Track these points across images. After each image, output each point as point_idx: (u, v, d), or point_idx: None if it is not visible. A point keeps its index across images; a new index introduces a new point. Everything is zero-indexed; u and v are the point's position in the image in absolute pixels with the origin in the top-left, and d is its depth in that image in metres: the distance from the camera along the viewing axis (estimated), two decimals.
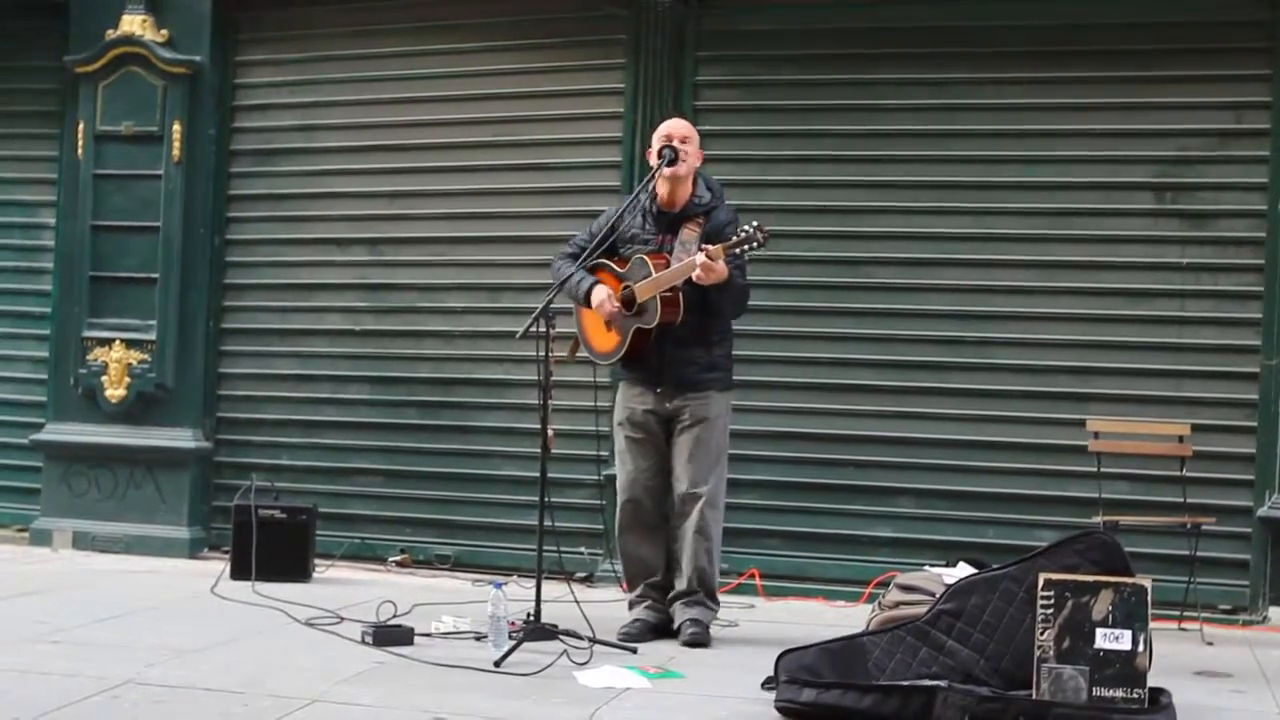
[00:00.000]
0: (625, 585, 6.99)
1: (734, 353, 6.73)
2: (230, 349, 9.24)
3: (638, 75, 8.37)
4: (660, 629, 6.56)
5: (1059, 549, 5.33)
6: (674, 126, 6.67)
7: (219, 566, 8.06)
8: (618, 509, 6.73)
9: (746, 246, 6.20)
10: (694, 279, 6.24)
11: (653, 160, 6.60)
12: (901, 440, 8.03)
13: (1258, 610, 7.48)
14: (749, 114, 8.31)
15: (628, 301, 6.49)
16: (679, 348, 6.51)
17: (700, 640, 6.41)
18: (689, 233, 6.48)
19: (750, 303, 6.70)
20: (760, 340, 8.05)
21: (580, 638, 6.02)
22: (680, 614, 6.56)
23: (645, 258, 6.48)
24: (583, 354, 6.79)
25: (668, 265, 6.39)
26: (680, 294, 6.39)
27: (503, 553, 8.52)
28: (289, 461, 9.00)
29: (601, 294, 6.53)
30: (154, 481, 9.03)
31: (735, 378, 6.75)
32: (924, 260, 8.05)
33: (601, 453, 7.15)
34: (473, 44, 8.82)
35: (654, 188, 6.59)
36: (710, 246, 6.24)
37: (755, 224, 6.22)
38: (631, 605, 6.68)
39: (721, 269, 6.22)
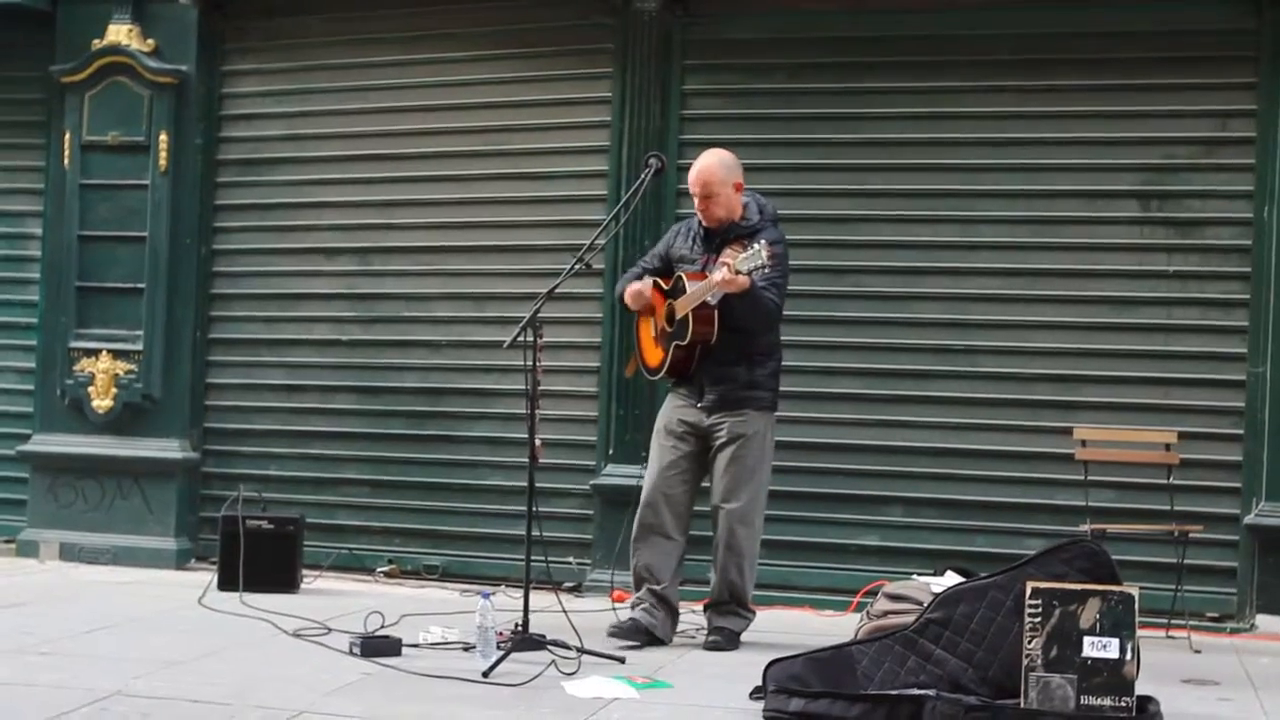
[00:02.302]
0: (616, 594, 6.97)
1: (778, 370, 6.76)
2: (217, 359, 9.23)
3: (625, 84, 8.37)
4: (651, 633, 6.56)
5: (1046, 557, 5.34)
6: (697, 184, 6.65)
7: (206, 577, 8.05)
8: (637, 513, 6.72)
9: (754, 265, 6.21)
10: (716, 287, 6.32)
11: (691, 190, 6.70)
12: (889, 449, 8.03)
13: (1245, 618, 7.49)
14: (736, 123, 8.30)
15: (669, 318, 6.61)
16: (720, 365, 6.58)
17: (718, 646, 6.54)
18: (730, 253, 6.49)
19: None
20: None
21: (568, 648, 6.02)
22: (710, 620, 6.68)
23: (683, 275, 6.59)
24: (640, 369, 6.96)
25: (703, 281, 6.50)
26: (715, 311, 6.46)
27: (491, 563, 8.51)
28: (276, 472, 8.99)
29: (636, 286, 6.73)
30: (141, 492, 9.01)
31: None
32: (910, 269, 8.06)
33: (595, 462, 7.11)
34: (460, 53, 8.82)
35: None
36: (731, 260, 6.30)
37: (762, 243, 6.24)
38: (633, 606, 6.70)
39: (742, 280, 6.28)
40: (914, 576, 6.39)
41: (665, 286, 6.72)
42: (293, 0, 9.11)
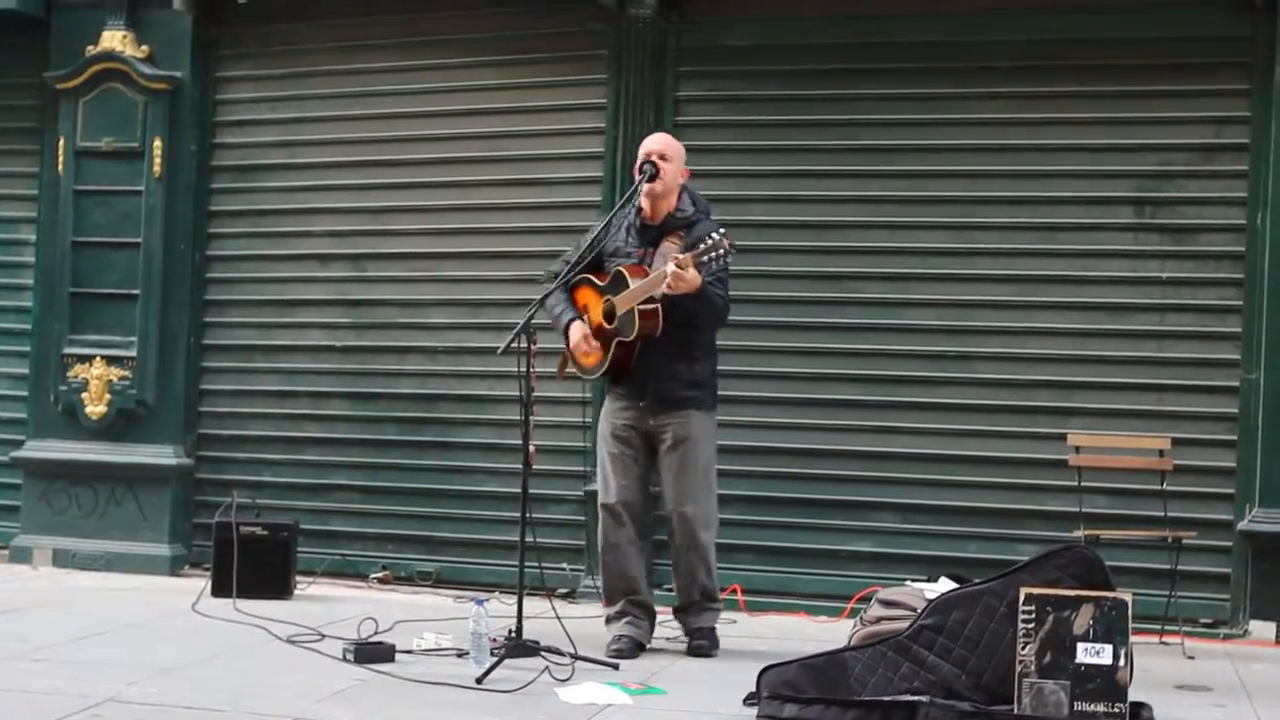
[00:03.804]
0: (604, 600, 6.97)
1: (716, 368, 6.73)
2: (211, 365, 9.22)
3: (619, 90, 8.37)
4: (644, 645, 6.56)
5: (1040, 563, 5.34)
6: (654, 143, 6.66)
7: (200, 584, 8.04)
8: (599, 523, 6.73)
9: (712, 255, 6.19)
10: (665, 289, 6.24)
11: (637, 176, 6.62)
12: (883, 455, 8.03)
13: (1238, 624, 7.50)
14: (731, 129, 8.32)
15: (609, 315, 6.49)
16: (662, 363, 6.50)
17: (703, 651, 6.52)
18: (670, 245, 6.49)
19: (733, 317, 6.71)
20: (742, 355, 8.06)
21: (562, 654, 6.01)
22: (687, 624, 6.66)
23: (624, 270, 6.48)
24: (571, 370, 6.79)
25: (646, 277, 6.40)
26: (660, 306, 6.38)
27: (485, 569, 8.50)
28: (270, 478, 8.98)
29: (577, 334, 6.58)
30: (135, 499, 9.00)
31: (718, 392, 6.74)
32: (905, 275, 8.06)
33: (588, 468, 7.09)
34: (454, 60, 8.82)
35: (638, 202, 6.60)
36: (680, 255, 6.24)
37: (722, 231, 6.22)
38: (609, 621, 6.66)
39: (692, 277, 6.21)
40: (908, 582, 6.38)
41: (600, 283, 6.61)
42: (287, 7, 9.09)
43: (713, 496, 6.72)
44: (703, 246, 6.22)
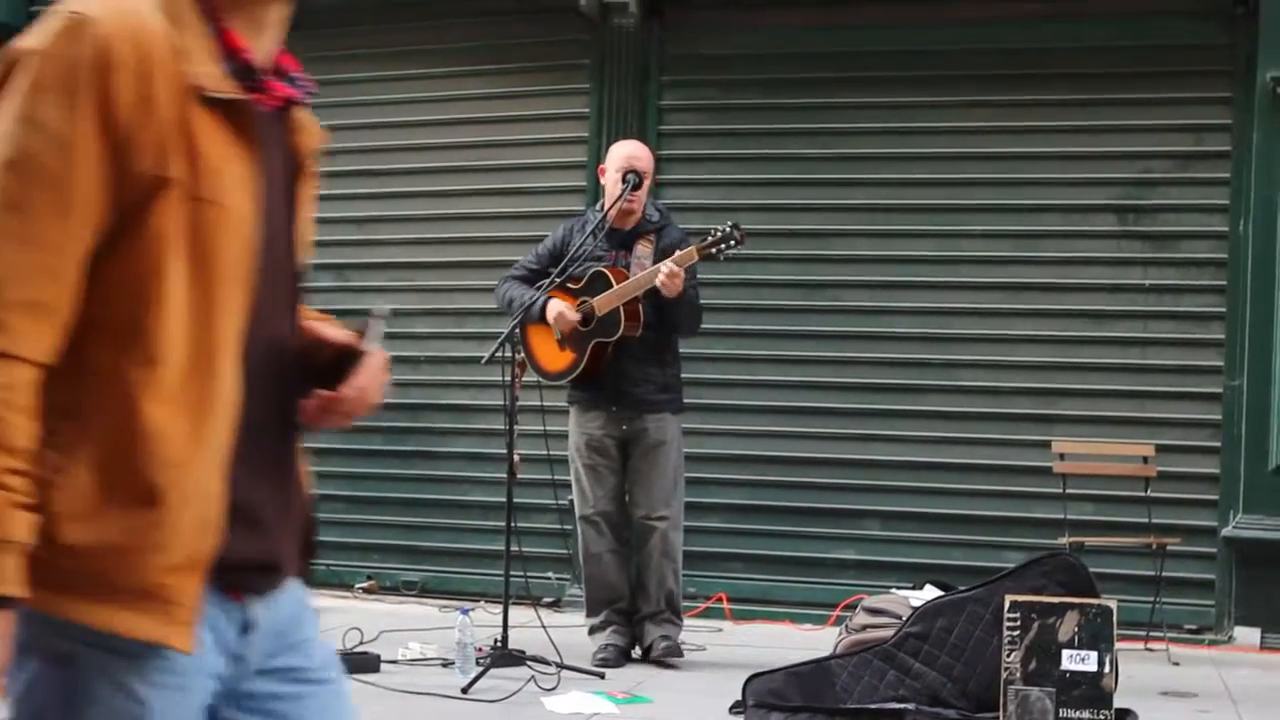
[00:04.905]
0: (588, 610, 6.97)
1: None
2: None
3: (602, 99, 8.37)
4: (629, 654, 6.56)
5: (1025, 571, 5.35)
6: (637, 149, 6.66)
7: None
8: (580, 535, 6.73)
9: (725, 245, 6.20)
10: (659, 285, 6.21)
11: (603, 178, 6.64)
12: (868, 463, 8.03)
13: (1223, 630, 7.51)
14: (713, 138, 8.32)
15: (585, 317, 6.47)
16: (635, 366, 6.50)
17: (674, 652, 6.46)
18: (643, 248, 6.50)
19: (719, 326, 6.72)
20: (726, 363, 8.07)
21: (548, 663, 6.01)
22: (650, 632, 6.58)
23: (605, 271, 6.48)
24: (530, 377, 6.73)
25: (628, 279, 6.40)
26: (640, 307, 6.38)
27: (470, 578, 8.48)
28: None
29: (558, 306, 6.48)
30: None
31: (701, 400, 6.74)
32: (889, 283, 8.07)
33: (558, 477, 7.06)
34: (437, 69, 8.81)
35: (603, 205, 6.61)
36: (679, 253, 6.24)
37: (732, 224, 6.22)
38: (593, 631, 6.65)
39: (681, 276, 6.22)
40: (893, 590, 6.40)
41: (573, 286, 6.57)
42: None
43: (682, 501, 6.73)
44: (711, 238, 6.22)
